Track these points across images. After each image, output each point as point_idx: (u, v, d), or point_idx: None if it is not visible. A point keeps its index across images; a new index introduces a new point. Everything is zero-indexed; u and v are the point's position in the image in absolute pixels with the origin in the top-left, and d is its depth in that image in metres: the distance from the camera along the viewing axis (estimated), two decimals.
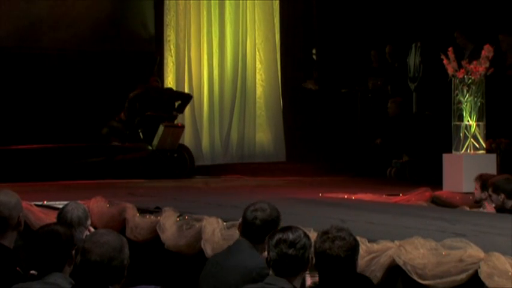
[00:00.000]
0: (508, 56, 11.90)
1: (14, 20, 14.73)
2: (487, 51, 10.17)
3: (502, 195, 7.78)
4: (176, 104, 14.48)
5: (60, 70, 14.92)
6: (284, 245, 4.41)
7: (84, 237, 5.76)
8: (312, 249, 4.58)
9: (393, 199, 9.44)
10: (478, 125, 10.36)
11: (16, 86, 14.54)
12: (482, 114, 10.36)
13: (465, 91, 10.28)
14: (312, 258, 4.48)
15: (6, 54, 14.68)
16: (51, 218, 7.30)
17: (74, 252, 4.57)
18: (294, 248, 4.40)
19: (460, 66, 10.26)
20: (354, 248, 4.24)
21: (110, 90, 14.90)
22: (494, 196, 7.87)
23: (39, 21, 14.92)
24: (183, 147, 14.40)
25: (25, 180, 11.91)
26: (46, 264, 4.51)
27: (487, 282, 4.38)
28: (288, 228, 4.53)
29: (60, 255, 4.53)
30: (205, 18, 15.96)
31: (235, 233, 5.63)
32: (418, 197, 9.33)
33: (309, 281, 4.74)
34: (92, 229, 6.19)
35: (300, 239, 4.44)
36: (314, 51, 15.61)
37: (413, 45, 13.57)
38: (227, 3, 16.08)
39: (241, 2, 16.12)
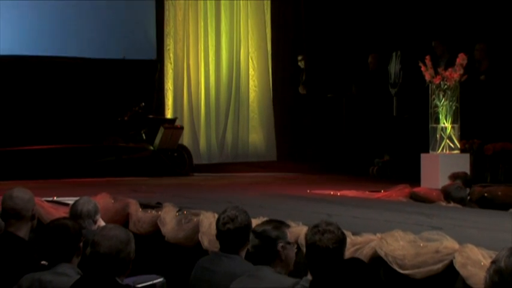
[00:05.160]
0: (483, 63, 11.92)
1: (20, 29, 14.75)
2: (461, 59, 10.20)
3: (452, 203, 7.71)
4: None
5: (71, 77, 14.92)
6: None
7: (94, 229, 5.77)
8: (301, 241, 4.60)
9: (375, 195, 9.43)
10: (453, 127, 10.38)
11: (32, 92, 14.56)
12: (457, 117, 10.39)
13: (441, 96, 10.30)
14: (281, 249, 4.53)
15: (20, 63, 14.68)
16: (61, 212, 7.29)
17: (81, 244, 4.56)
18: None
19: (436, 73, 10.28)
20: (342, 240, 4.25)
21: (115, 95, 14.91)
22: (445, 203, 7.80)
23: (47, 29, 14.92)
24: (183, 147, 14.40)
25: (37, 178, 11.90)
26: (56, 255, 4.51)
27: (461, 271, 4.38)
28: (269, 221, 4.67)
29: (69, 247, 4.52)
30: (202, 29, 15.96)
31: None
32: (398, 193, 9.32)
33: None
34: (103, 222, 6.17)
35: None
36: (299, 58, 15.59)
37: (394, 54, 13.58)
38: (223, 15, 16.09)
39: (235, 14, 16.13)
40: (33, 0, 14.76)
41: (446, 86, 10.23)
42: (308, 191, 9.88)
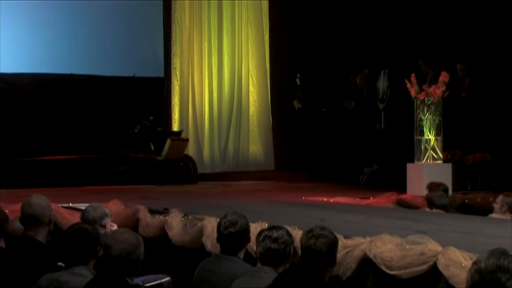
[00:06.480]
0: (465, 81, 11.95)
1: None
2: (443, 77, 10.22)
3: (434, 210, 7.70)
4: None
5: (86, 93, 14.96)
6: (268, 241, 4.49)
7: (103, 233, 5.76)
8: (296, 244, 4.61)
9: (365, 202, 9.42)
10: (436, 139, 10.39)
11: (50, 107, 14.59)
12: (440, 130, 10.40)
13: (425, 110, 10.31)
14: (292, 252, 4.57)
15: (40, 80, 14.71)
16: (75, 217, 7.27)
17: (99, 247, 4.55)
18: (276, 243, 4.48)
19: (421, 90, 10.30)
20: (334, 244, 4.25)
21: (126, 109, 14.93)
22: (428, 210, 7.78)
23: (66, 49, 14.96)
24: (188, 158, 14.40)
25: (54, 186, 11.89)
26: (75, 257, 4.47)
27: (444, 272, 4.39)
28: (274, 227, 4.62)
29: (88, 250, 4.50)
30: (206, 49, 16.01)
31: None
32: (386, 200, 9.32)
33: None
34: (115, 226, 6.15)
35: (282, 236, 4.52)
36: (298, 75, 15.62)
37: (382, 72, 13.61)
38: (225, 36, 16.14)
39: (236, 35, 16.18)
40: (50, 21, 14.82)
41: (430, 102, 10.25)
42: (303, 197, 9.87)
